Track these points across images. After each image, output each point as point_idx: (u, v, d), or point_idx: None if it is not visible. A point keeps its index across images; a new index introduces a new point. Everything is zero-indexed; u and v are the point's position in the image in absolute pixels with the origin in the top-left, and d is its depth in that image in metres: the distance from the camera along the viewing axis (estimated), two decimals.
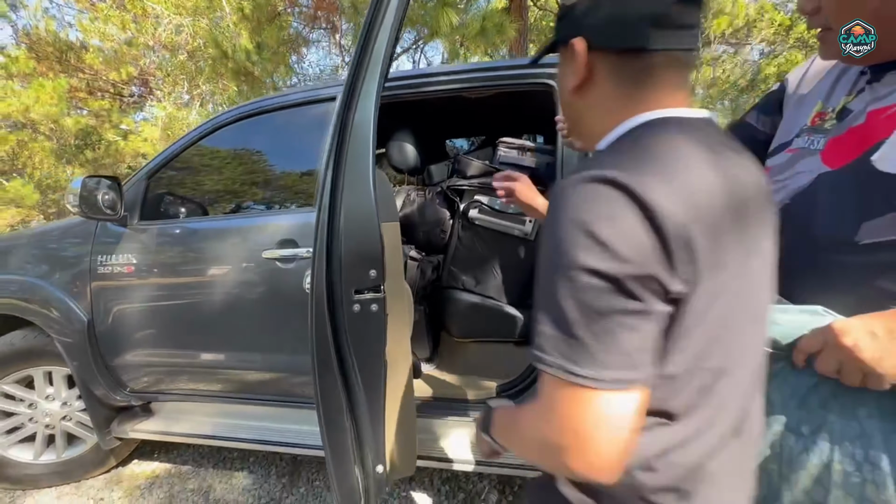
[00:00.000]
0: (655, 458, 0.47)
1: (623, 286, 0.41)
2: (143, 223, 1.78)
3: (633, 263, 0.40)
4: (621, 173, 0.42)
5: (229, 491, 1.95)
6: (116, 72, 11.48)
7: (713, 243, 0.43)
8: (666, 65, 0.50)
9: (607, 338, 0.41)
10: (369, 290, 0.78)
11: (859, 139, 0.63)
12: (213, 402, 1.85)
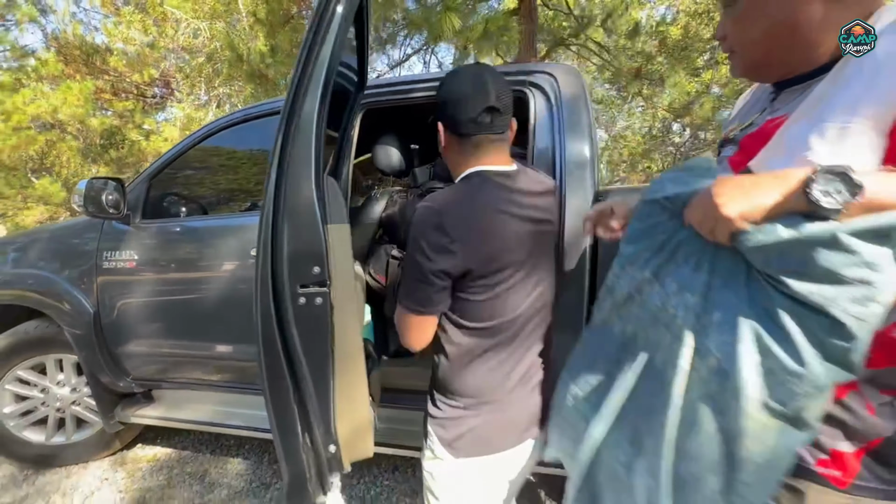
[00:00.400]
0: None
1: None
2: (145, 222, 1.89)
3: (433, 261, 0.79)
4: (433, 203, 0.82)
5: (223, 475, 2.06)
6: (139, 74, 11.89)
7: (478, 249, 0.79)
8: (482, 142, 0.86)
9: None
10: (314, 285, 0.86)
11: (754, 145, 0.68)
12: (210, 390, 1.96)
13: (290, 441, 0.90)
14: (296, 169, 0.83)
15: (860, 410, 0.59)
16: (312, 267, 0.85)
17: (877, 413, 0.59)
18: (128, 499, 1.92)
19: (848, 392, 0.60)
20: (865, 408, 0.59)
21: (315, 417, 0.91)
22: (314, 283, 0.86)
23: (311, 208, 0.84)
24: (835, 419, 0.60)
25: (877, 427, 0.59)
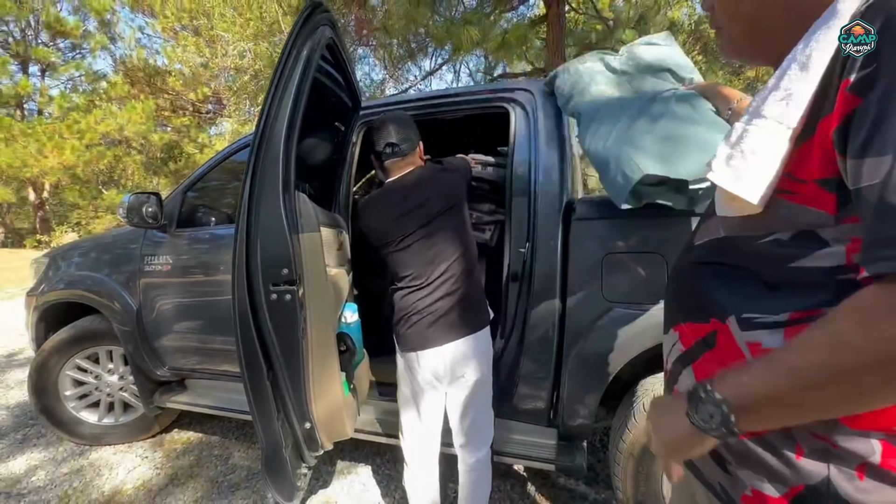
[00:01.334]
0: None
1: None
2: (179, 230, 2.15)
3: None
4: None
5: (245, 458, 2.28)
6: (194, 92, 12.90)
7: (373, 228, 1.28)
8: (388, 161, 1.33)
9: None
10: (284, 284, 1.02)
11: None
12: (235, 381, 2.18)
13: (266, 416, 1.06)
14: (266, 187, 1.00)
15: (788, 454, 0.51)
16: (282, 269, 1.01)
17: (805, 457, 0.50)
18: (162, 475, 2.18)
19: (770, 433, 0.52)
20: (794, 451, 0.51)
21: (289, 397, 1.07)
22: (284, 282, 1.02)
23: (278, 221, 1.00)
24: (758, 459, 0.54)
25: (801, 473, 0.50)
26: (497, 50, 4.62)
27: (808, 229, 0.47)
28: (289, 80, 0.99)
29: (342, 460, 2.21)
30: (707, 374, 0.58)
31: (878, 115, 0.38)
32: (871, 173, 0.39)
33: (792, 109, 0.47)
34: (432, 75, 9.40)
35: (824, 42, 0.44)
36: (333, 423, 1.15)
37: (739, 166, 0.51)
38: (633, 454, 1.44)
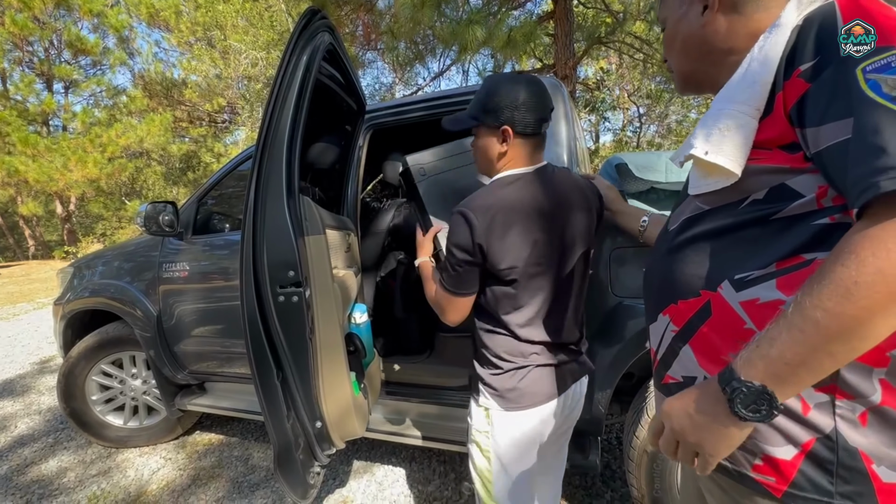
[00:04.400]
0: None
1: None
2: (195, 237, 2.21)
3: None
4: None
5: (265, 459, 2.33)
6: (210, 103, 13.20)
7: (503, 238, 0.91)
8: (530, 140, 1.00)
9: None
10: (290, 286, 1.04)
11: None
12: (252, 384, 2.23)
13: (276, 416, 1.09)
14: (271, 192, 1.02)
15: (796, 411, 0.54)
16: (288, 272, 1.03)
17: (812, 411, 0.53)
18: (185, 475, 2.24)
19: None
20: (800, 405, 0.54)
21: (300, 397, 1.09)
22: (290, 284, 1.05)
23: (284, 224, 1.02)
24: (767, 425, 0.55)
25: (810, 427, 0.53)
26: (503, 48, 4.60)
27: (778, 184, 0.55)
28: (289, 86, 1.01)
29: (358, 460, 2.24)
30: (707, 348, 0.61)
31: (829, 93, 0.49)
32: (834, 134, 0.48)
33: (757, 94, 0.56)
34: (441, 76, 9.43)
35: (774, 44, 0.55)
36: (344, 422, 1.17)
37: (719, 141, 0.58)
38: (646, 450, 1.42)
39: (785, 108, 0.54)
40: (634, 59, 8.62)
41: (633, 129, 12.11)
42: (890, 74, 0.45)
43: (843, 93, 0.47)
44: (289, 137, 1.02)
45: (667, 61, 0.75)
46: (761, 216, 0.56)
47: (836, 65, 0.49)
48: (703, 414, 0.53)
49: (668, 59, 0.74)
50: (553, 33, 6.25)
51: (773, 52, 0.55)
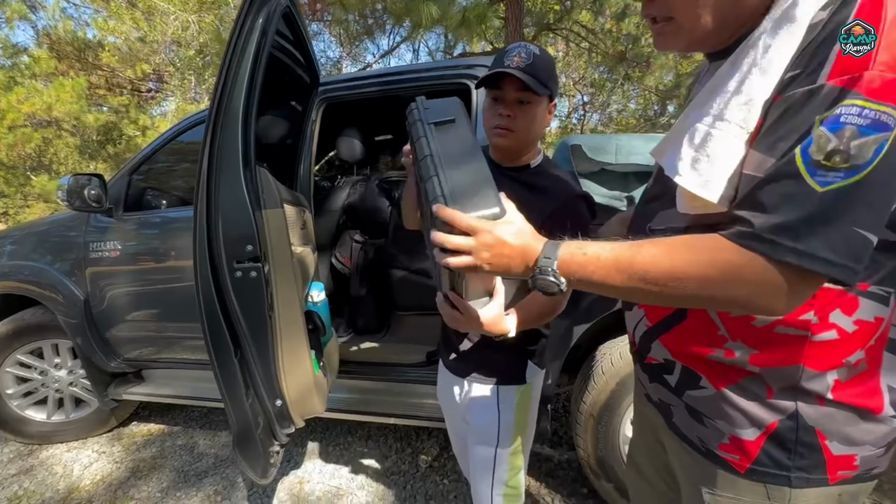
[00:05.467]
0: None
1: None
2: (127, 214, 2.03)
3: None
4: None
5: (212, 446, 2.24)
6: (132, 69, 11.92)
7: None
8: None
9: None
10: (248, 261, 1.01)
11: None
12: (197, 369, 2.12)
13: (235, 395, 1.05)
14: (226, 161, 0.97)
15: (759, 391, 0.58)
16: (245, 246, 0.99)
17: (775, 396, 0.58)
18: (123, 468, 2.10)
19: (743, 377, 0.59)
20: (765, 390, 0.58)
21: (258, 375, 1.06)
22: (248, 259, 1.01)
23: (240, 196, 0.98)
24: (734, 406, 0.60)
25: (774, 409, 0.57)
26: (457, 28, 4.56)
27: None
28: (244, 50, 0.95)
29: (313, 441, 2.21)
30: (678, 347, 0.64)
31: (777, 116, 0.46)
32: (749, 164, 0.49)
33: (753, 114, 0.49)
34: (391, 54, 9.17)
35: (784, 44, 0.47)
36: (304, 400, 1.16)
37: (706, 171, 0.52)
38: (593, 414, 1.54)
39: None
40: (580, 47, 8.87)
41: (577, 116, 12.55)
42: (831, 130, 0.42)
43: (790, 133, 0.45)
44: (244, 104, 0.96)
45: (649, 4, 0.57)
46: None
47: (809, 93, 0.44)
48: (511, 259, 0.56)
49: (678, 6, 0.55)
50: (504, 17, 6.28)
51: (777, 61, 0.48)
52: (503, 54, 0.92)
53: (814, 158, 0.43)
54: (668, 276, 0.50)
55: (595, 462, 1.57)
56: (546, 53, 0.93)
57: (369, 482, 1.91)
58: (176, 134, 2.10)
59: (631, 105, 12.28)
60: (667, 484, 0.85)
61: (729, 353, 0.59)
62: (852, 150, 0.41)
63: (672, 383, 0.67)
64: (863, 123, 0.40)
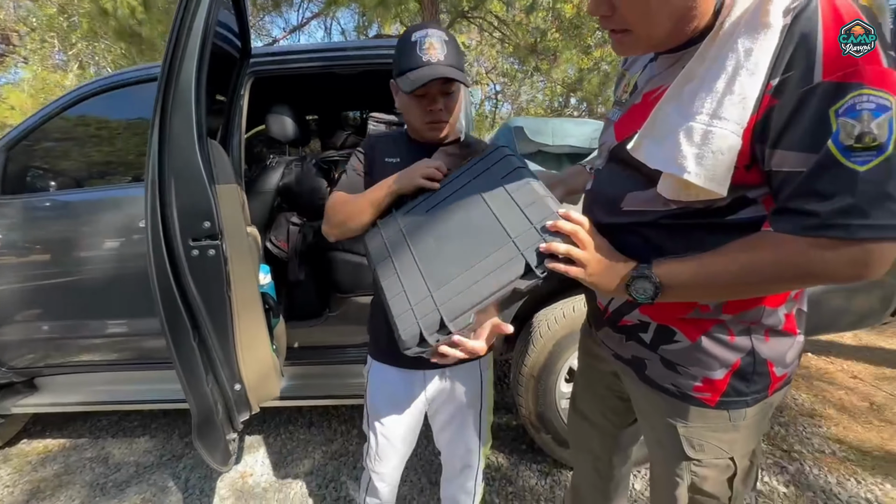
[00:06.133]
0: None
1: None
2: (6, 197, 1.73)
3: None
4: None
5: (129, 454, 2.03)
6: None
7: None
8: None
9: None
10: (206, 238, 0.95)
11: (635, 117, 0.70)
12: (104, 371, 1.89)
13: (195, 380, 0.99)
14: (178, 133, 0.89)
15: (724, 338, 0.69)
16: (202, 222, 0.93)
17: (736, 338, 0.68)
18: (17, 492, 1.82)
19: (714, 324, 0.69)
20: (728, 336, 0.69)
21: (218, 358, 1.01)
22: (206, 236, 0.95)
23: (196, 169, 0.91)
24: (705, 352, 0.70)
25: (735, 349, 0.69)
26: (375, 8, 4.46)
27: (741, 196, 0.61)
28: (193, 19, 0.86)
29: (251, 434, 2.12)
30: (659, 313, 0.72)
31: (803, 121, 0.52)
32: (795, 162, 0.53)
33: (746, 111, 0.55)
34: (300, 30, 8.64)
35: (764, 52, 0.54)
36: (263, 384, 1.12)
37: (712, 166, 0.57)
38: (533, 375, 1.69)
39: (753, 122, 0.55)
40: (493, 37, 9.17)
41: (490, 105, 13.01)
42: (851, 118, 0.48)
43: (813, 128, 0.51)
44: (196, 75, 0.88)
45: (606, 18, 0.63)
46: (722, 214, 0.63)
47: (809, 91, 0.51)
48: (612, 270, 0.67)
49: (634, 17, 0.60)
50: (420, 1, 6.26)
51: (762, 63, 0.54)
52: (413, 45, 0.91)
53: (845, 144, 0.49)
54: (750, 285, 0.60)
55: (536, 418, 1.73)
56: (448, 33, 0.94)
57: (318, 467, 1.89)
58: (65, 106, 1.81)
59: (539, 96, 13.04)
60: (613, 424, 1.00)
61: (705, 308, 0.69)
62: (875, 131, 0.48)
63: (647, 340, 0.76)
64: (872, 108, 0.48)
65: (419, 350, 0.72)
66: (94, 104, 1.82)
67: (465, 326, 0.71)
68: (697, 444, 0.75)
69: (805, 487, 1.71)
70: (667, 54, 0.68)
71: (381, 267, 0.83)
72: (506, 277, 0.69)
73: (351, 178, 1.01)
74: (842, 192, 0.50)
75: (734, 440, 0.74)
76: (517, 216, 0.73)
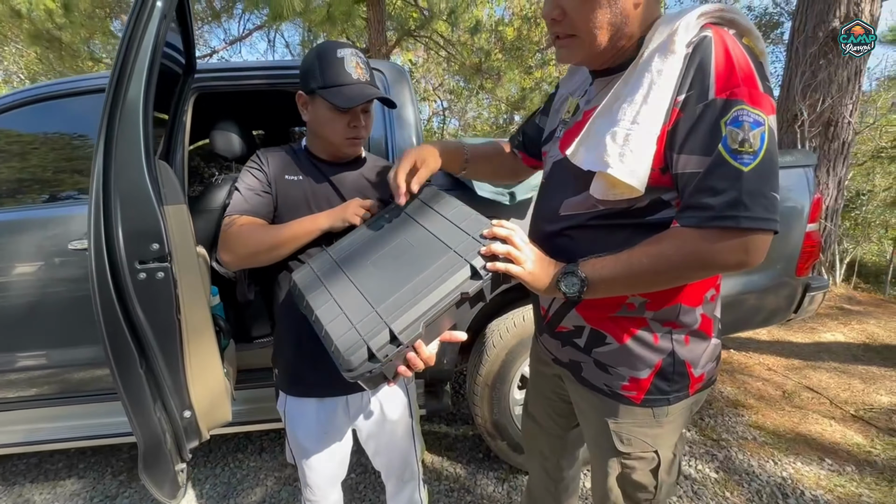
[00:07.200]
0: None
1: None
2: None
3: None
4: None
5: (54, 499, 1.84)
6: None
7: None
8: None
9: None
10: (154, 261, 0.92)
11: (575, 133, 0.78)
12: (20, 408, 1.71)
13: (142, 409, 0.94)
14: (124, 152, 0.86)
15: (649, 340, 0.77)
16: (151, 244, 0.90)
17: (659, 340, 0.77)
18: None
19: (640, 328, 0.77)
20: (653, 338, 0.77)
21: (167, 385, 0.96)
22: (154, 258, 0.91)
23: (144, 189, 0.88)
24: (631, 354, 0.78)
25: (658, 351, 0.77)
26: (322, 23, 4.45)
27: (657, 197, 0.70)
28: (143, 34, 0.84)
29: (196, 466, 1.99)
30: (590, 311, 0.80)
31: (702, 130, 0.63)
32: (695, 164, 0.63)
33: (658, 118, 0.65)
34: (241, 42, 8.40)
35: (672, 72, 0.65)
36: (214, 409, 1.07)
37: (631, 162, 0.66)
38: (487, 384, 1.75)
39: (665, 131, 0.66)
40: (439, 55, 9.40)
41: (438, 121, 13.25)
42: (736, 127, 0.59)
43: (708, 135, 0.62)
44: (144, 91, 0.85)
45: (555, 23, 0.71)
46: (641, 215, 0.72)
47: (706, 106, 0.62)
48: (544, 270, 0.75)
49: (581, 23, 0.69)
50: (367, 18, 6.32)
51: (670, 81, 0.65)
52: (340, 61, 0.92)
53: (732, 148, 0.60)
54: (659, 274, 0.67)
55: (491, 425, 1.78)
56: (360, 50, 0.96)
57: (270, 495, 1.82)
58: None
59: (484, 113, 13.47)
60: (559, 426, 1.07)
61: (630, 306, 0.77)
62: (751, 139, 0.59)
63: (581, 344, 0.84)
64: (751, 120, 0.59)
65: (365, 370, 0.69)
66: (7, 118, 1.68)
67: (414, 337, 0.70)
68: (626, 438, 0.84)
69: (732, 472, 1.89)
70: (601, 78, 0.79)
71: (314, 296, 0.80)
72: (452, 284, 0.71)
73: (253, 200, 0.95)
74: (730, 189, 0.61)
75: (658, 435, 0.83)
76: (454, 232, 0.77)
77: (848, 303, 4.46)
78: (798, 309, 1.96)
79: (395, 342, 0.69)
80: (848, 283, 6.35)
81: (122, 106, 0.86)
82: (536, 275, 0.74)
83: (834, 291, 4.83)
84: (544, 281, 0.74)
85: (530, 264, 0.74)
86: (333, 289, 0.79)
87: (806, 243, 1.82)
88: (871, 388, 2.63)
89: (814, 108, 3.57)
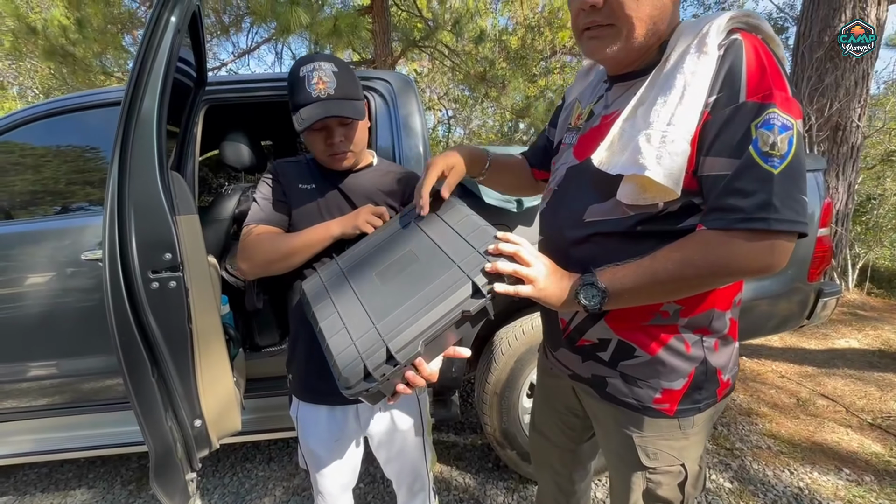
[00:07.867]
0: None
1: None
2: None
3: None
4: None
5: None
6: None
7: None
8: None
9: None
10: (166, 270, 0.93)
11: (594, 138, 0.76)
12: (32, 418, 1.72)
13: (154, 418, 0.94)
14: (139, 164, 0.88)
15: (681, 349, 0.74)
16: (164, 254, 0.91)
17: (691, 349, 0.74)
18: None
19: (672, 337, 0.74)
20: (685, 347, 0.74)
21: (178, 394, 0.97)
22: (166, 268, 0.92)
23: (157, 200, 0.89)
24: (664, 366, 0.75)
25: (691, 360, 0.75)
26: (328, 35, 4.52)
27: (689, 202, 0.68)
28: (158, 49, 0.86)
29: (205, 476, 1.99)
30: (621, 322, 0.76)
31: (730, 132, 0.62)
32: (722, 167, 0.63)
33: (695, 122, 0.64)
34: (249, 54, 8.54)
35: (706, 70, 0.64)
36: (224, 418, 1.08)
37: (669, 165, 0.64)
38: (496, 392, 1.74)
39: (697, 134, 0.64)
40: (444, 65, 9.49)
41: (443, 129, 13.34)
42: (767, 129, 0.59)
43: (737, 138, 0.61)
44: (158, 104, 0.87)
45: (594, 9, 0.68)
46: (673, 221, 0.69)
47: (736, 109, 0.61)
48: (561, 283, 0.71)
49: (622, 13, 0.67)
50: (372, 30, 6.41)
51: (704, 81, 0.64)
52: (301, 80, 0.89)
53: (763, 150, 0.60)
54: (685, 280, 0.65)
55: (500, 434, 1.77)
56: (340, 62, 0.93)
57: None
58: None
59: (489, 122, 13.55)
60: (571, 440, 1.04)
61: (665, 314, 0.74)
62: (779, 142, 0.59)
63: (606, 358, 0.80)
64: (780, 124, 0.59)
65: (362, 388, 0.67)
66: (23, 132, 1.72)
67: (413, 356, 0.67)
68: (652, 452, 0.80)
69: (747, 482, 1.86)
70: (621, 83, 0.78)
71: (319, 308, 0.79)
72: (453, 301, 0.68)
73: (268, 210, 0.97)
74: (760, 191, 0.60)
75: (684, 447, 0.80)
76: (460, 244, 0.74)
77: (862, 308, 4.39)
78: (811, 315, 1.93)
79: (391, 361, 0.67)
80: (861, 288, 6.26)
81: (137, 118, 0.87)
82: (549, 291, 0.70)
83: (847, 297, 4.76)
84: (559, 296, 0.71)
85: (542, 281, 0.70)
86: (338, 301, 0.79)
87: (817, 248, 1.80)
88: (888, 395, 2.58)
89: (821, 113, 3.55)
